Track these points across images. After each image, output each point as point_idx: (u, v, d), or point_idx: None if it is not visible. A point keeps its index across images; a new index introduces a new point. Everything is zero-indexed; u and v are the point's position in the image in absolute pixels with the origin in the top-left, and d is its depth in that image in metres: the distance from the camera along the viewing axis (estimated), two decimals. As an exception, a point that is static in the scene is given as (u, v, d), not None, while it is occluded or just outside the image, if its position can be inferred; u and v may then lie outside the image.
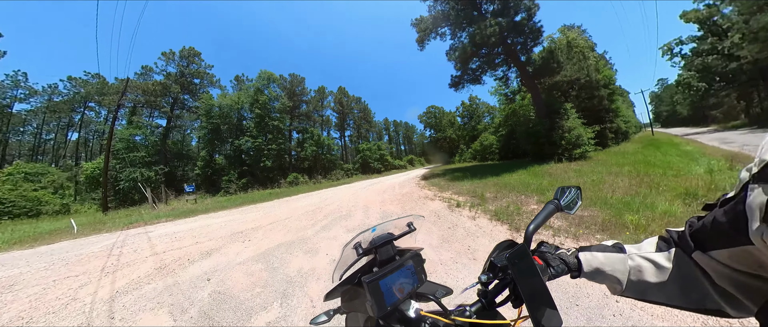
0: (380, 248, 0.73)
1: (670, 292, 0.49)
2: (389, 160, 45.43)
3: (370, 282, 0.59)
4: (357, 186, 17.57)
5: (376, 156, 43.38)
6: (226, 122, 30.58)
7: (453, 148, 44.61)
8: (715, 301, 0.44)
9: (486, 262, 0.61)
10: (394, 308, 0.62)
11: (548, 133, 13.29)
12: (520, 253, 0.53)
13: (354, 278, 0.72)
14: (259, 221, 6.93)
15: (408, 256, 0.74)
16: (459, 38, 16.94)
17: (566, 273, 0.60)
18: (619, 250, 0.58)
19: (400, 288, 0.65)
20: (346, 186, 19.56)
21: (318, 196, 12.86)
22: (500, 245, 0.66)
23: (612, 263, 0.55)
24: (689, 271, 0.47)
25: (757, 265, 0.38)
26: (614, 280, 0.55)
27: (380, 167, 42.72)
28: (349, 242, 0.71)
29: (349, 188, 16.47)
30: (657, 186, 5.43)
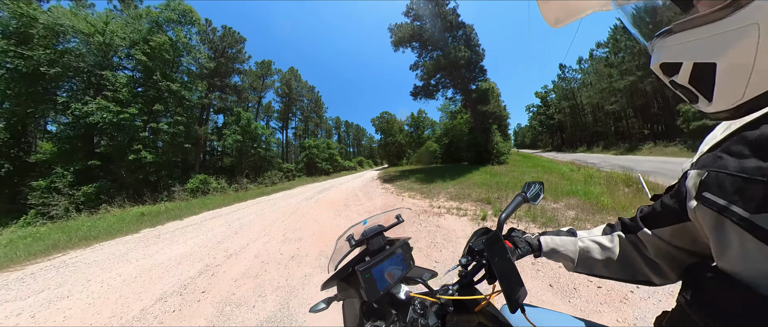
0: (371, 239, 0.79)
1: (611, 268, 0.60)
2: (339, 161, 40.32)
3: (364, 270, 0.65)
4: (300, 195, 12.81)
5: (325, 155, 37.92)
6: (64, 64, 14.22)
7: (400, 152, 47.19)
8: (645, 273, 0.55)
9: (465, 247, 0.69)
10: (387, 292, 0.69)
11: (485, 144, 18.29)
12: (493, 238, 0.61)
13: (348, 268, 0.77)
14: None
15: (397, 245, 0.81)
16: (425, 56, 20.19)
17: (530, 253, 0.71)
18: (572, 234, 0.70)
19: (391, 274, 0.72)
20: (284, 194, 14.25)
21: (217, 224, 6.83)
22: (477, 232, 0.73)
23: (565, 245, 0.67)
24: (627, 250, 0.58)
25: (691, 240, 0.46)
26: (568, 258, 0.67)
27: (329, 168, 37.11)
28: (343, 235, 0.79)
29: (287, 200, 11.43)
30: (559, 174, 9.73)
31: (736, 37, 0.24)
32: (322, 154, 36.72)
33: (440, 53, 19.04)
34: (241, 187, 20.00)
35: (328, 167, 36.64)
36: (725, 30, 0.25)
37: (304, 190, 15.17)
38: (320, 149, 36.74)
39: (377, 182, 15.21)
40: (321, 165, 35.30)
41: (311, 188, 16.60)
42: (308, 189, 16.05)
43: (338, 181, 21.29)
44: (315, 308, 0.74)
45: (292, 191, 15.44)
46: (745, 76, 0.26)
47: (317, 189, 15.14)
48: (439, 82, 20.70)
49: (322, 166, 35.44)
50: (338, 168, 40.09)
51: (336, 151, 41.70)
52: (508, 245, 0.69)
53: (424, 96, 21.44)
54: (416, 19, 19.45)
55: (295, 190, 16.38)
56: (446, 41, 18.95)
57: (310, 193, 12.94)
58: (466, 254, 0.67)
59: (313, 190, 14.90)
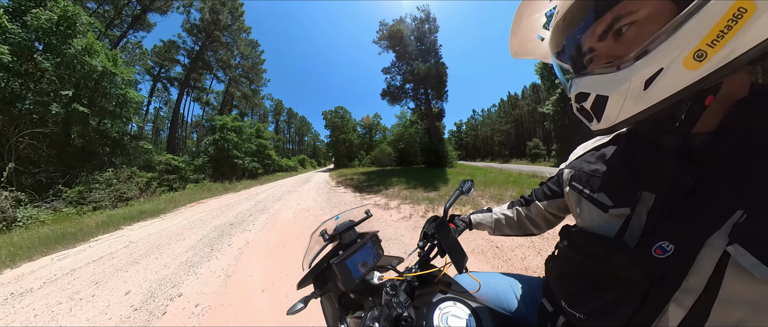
0: (343, 234, 0.84)
1: (513, 228, 0.92)
2: (273, 158, 29.72)
3: (338, 262, 0.69)
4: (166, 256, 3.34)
5: (252, 147, 24.96)
6: None
7: (351, 153, 44.29)
8: (530, 229, 0.87)
9: (421, 232, 0.88)
10: (362, 280, 0.73)
11: (438, 150, 21.97)
12: (441, 223, 0.80)
13: (322, 264, 0.81)
14: None
15: (368, 238, 0.86)
16: (400, 64, 22.15)
17: (466, 229, 0.98)
18: (489, 211, 0.99)
19: (364, 263, 0.76)
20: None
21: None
22: (429, 220, 0.91)
23: (486, 219, 0.97)
24: (521, 216, 0.89)
25: (559, 209, 0.78)
26: (487, 227, 0.96)
27: (256, 168, 24.68)
28: (316, 230, 0.82)
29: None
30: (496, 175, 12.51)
31: (618, 84, 0.37)
32: (247, 144, 24.02)
33: (413, 68, 20.97)
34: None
35: (255, 166, 24.15)
36: (615, 78, 0.37)
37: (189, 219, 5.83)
38: (244, 136, 23.62)
39: (344, 190, 11.69)
40: (241, 162, 21.82)
41: (212, 210, 7.23)
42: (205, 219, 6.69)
43: (274, 191, 13.09)
44: (293, 309, 0.74)
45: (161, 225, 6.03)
46: (619, 106, 0.38)
47: (224, 223, 6.01)
48: (406, 92, 22.66)
49: (244, 164, 22.17)
50: (272, 168, 29.67)
51: (270, 144, 30.98)
52: (451, 226, 0.92)
53: (391, 99, 22.92)
54: (398, 33, 21.08)
55: (168, 220, 6.99)
56: (423, 58, 21.29)
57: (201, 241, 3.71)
58: (421, 238, 0.87)
59: (208, 226, 5.75)
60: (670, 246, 0.37)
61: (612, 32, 0.39)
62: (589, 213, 0.53)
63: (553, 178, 0.79)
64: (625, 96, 0.37)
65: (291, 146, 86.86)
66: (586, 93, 0.42)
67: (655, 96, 0.34)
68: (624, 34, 0.38)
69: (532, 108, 58.69)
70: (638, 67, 0.34)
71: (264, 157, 27.71)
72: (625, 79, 0.36)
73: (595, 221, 0.51)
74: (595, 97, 0.41)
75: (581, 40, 0.44)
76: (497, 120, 73.10)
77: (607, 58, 0.42)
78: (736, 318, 0.31)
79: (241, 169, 22.31)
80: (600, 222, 0.50)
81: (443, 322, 0.61)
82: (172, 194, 12.84)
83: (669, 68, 0.32)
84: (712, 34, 0.28)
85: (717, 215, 0.34)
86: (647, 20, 0.36)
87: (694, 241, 0.35)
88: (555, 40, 0.51)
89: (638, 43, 0.35)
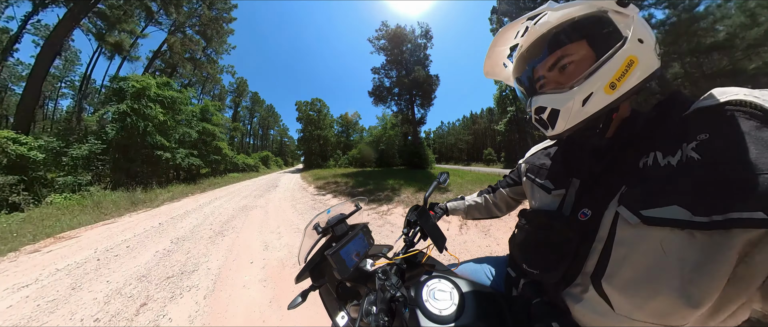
0: (335, 226, 0.87)
1: (481, 213, 1.15)
2: (226, 153, 21.51)
3: (333, 253, 0.72)
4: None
5: (190, 134, 16.42)
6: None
7: (326, 152, 40.13)
8: (495, 212, 1.11)
9: (405, 220, 1.01)
10: (355, 269, 0.78)
11: (420, 153, 23.15)
12: (422, 210, 0.93)
13: (317, 256, 0.83)
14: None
15: (359, 229, 0.90)
16: (389, 67, 23.21)
17: (443, 214, 1.17)
18: (462, 199, 1.21)
19: (357, 253, 0.81)
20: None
21: None
22: (411, 209, 1.02)
23: (459, 206, 1.19)
24: (488, 202, 1.12)
25: (518, 194, 1.03)
26: (461, 212, 1.18)
27: (197, 165, 16.79)
28: (309, 223, 0.86)
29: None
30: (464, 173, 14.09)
31: (566, 101, 0.51)
32: (183, 129, 15.68)
33: (405, 72, 22.40)
34: None
35: (194, 163, 16.07)
36: (564, 97, 0.51)
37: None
38: (179, 116, 15.29)
39: (337, 201, 8.74)
40: (172, 156, 13.96)
41: None
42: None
43: (220, 207, 7.03)
44: (293, 304, 0.77)
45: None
46: (567, 118, 0.52)
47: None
48: (394, 94, 23.24)
49: (178, 160, 14.44)
50: (223, 166, 21.79)
51: (222, 133, 22.13)
52: (431, 213, 1.08)
53: (378, 99, 23.21)
54: (398, 37, 22.18)
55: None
56: (413, 68, 22.39)
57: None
58: (405, 226, 0.99)
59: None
60: (588, 211, 0.54)
61: (557, 66, 0.55)
62: (539, 195, 0.72)
63: (513, 171, 1.02)
64: (570, 110, 0.51)
65: (252, 141, 73.81)
66: (544, 107, 0.55)
67: (589, 111, 0.50)
68: (566, 68, 0.53)
69: (487, 126, 77.43)
70: (578, 91, 0.49)
71: (211, 151, 19.48)
72: (571, 97, 0.50)
73: (542, 201, 0.70)
74: (551, 110, 0.54)
75: (536, 69, 0.59)
76: (461, 131, 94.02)
77: (554, 84, 0.56)
78: (623, 253, 0.46)
79: (169, 168, 14.65)
80: (546, 201, 0.68)
81: (431, 296, 0.68)
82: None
83: (596, 92, 0.48)
84: (619, 73, 0.46)
85: (612, 189, 0.50)
86: (580, 61, 0.52)
87: (601, 206, 0.51)
88: (517, 67, 0.66)
89: (576, 75, 0.51)
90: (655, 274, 0.40)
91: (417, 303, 0.67)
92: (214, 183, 15.70)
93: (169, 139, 14.12)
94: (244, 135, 61.17)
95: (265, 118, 77.41)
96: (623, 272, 0.45)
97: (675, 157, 0.43)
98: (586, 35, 0.52)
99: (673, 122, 0.47)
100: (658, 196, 0.42)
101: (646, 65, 0.47)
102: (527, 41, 0.59)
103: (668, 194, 0.41)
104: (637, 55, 0.46)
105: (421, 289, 0.70)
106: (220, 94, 46.75)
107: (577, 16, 0.52)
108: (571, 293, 0.55)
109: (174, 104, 14.57)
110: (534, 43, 0.58)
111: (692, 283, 0.37)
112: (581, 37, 0.52)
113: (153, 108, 12.76)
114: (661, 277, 0.40)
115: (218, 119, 21.19)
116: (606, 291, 0.48)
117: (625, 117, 0.56)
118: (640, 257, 0.43)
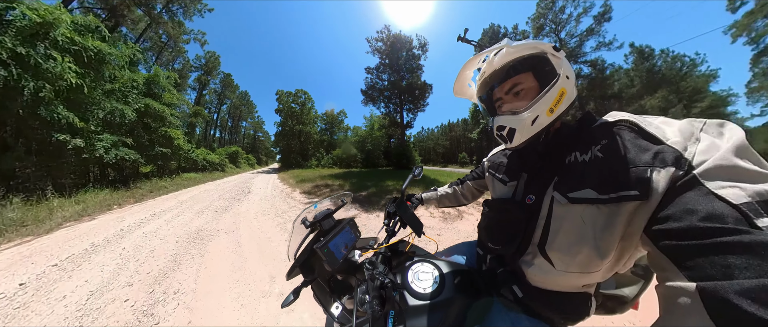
0: (323, 221, 0.89)
1: (451, 201, 1.32)
2: (180, 145, 15.59)
3: (322, 246, 0.75)
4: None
5: (125, 112, 10.25)
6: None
7: (306, 151, 36.00)
8: (462, 201, 1.31)
9: (385, 213, 1.12)
10: (345, 260, 0.82)
11: (407, 154, 25.24)
12: (400, 201, 1.08)
13: (307, 251, 0.84)
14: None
15: (345, 222, 0.94)
16: (382, 70, 24.37)
17: (419, 204, 1.31)
18: (435, 190, 1.37)
19: (345, 245, 0.85)
20: None
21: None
22: (389, 200, 1.14)
23: (432, 195, 1.36)
24: (456, 192, 1.30)
25: (482, 186, 1.23)
26: (434, 201, 1.35)
27: (134, 160, 10.85)
28: (297, 218, 0.89)
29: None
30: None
31: (520, 122, 0.64)
32: (111, 104, 9.91)
33: (401, 76, 24.07)
34: None
35: (127, 157, 10.29)
36: (518, 118, 0.64)
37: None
38: (105, 84, 9.78)
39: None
40: (89, 145, 8.76)
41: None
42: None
43: (138, 246, 2.25)
44: (285, 302, 0.76)
45: None
46: (521, 134, 0.66)
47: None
48: (386, 96, 24.35)
49: (98, 150, 9.01)
50: (176, 163, 16.41)
51: (177, 118, 16.29)
52: (408, 204, 1.23)
53: (368, 99, 24.38)
54: (398, 42, 23.83)
55: None
56: (405, 74, 24.25)
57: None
58: (386, 217, 1.10)
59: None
60: (533, 197, 0.69)
61: (512, 91, 0.68)
62: (498, 186, 0.87)
63: (478, 167, 1.20)
64: (524, 129, 0.65)
65: (219, 134, 62.21)
66: (504, 125, 0.68)
67: (536, 128, 0.65)
68: (519, 93, 0.67)
69: (462, 133, 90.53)
70: (529, 114, 0.63)
71: (157, 141, 13.88)
72: (523, 119, 0.64)
73: (500, 191, 0.85)
74: (509, 128, 0.67)
75: (495, 92, 0.71)
76: (439, 137, 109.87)
77: (509, 105, 0.69)
78: (558, 225, 0.60)
79: (84, 163, 9.27)
80: (503, 191, 0.83)
81: (416, 278, 0.77)
82: None
83: (541, 115, 0.63)
84: (555, 101, 0.62)
85: (548, 179, 0.66)
86: (528, 88, 0.66)
87: (542, 192, 0.66)
88: (480, 89, 0.78)
89: (526, 100, 0.66)
90: (579, 237, 0.56)
91: (404, 286, 0.76)
92: (158, 187, 10.70)
93: (85, 117, 8.88)
94: (208, 124, 52.75)
95: (238, 106, 67.17)
96: (559, 239, 0.60)
97: (587, 155, 0.59)
98: (532, 68, 0.65)
99: (587, 132, 0.63)
100: (578, 182, 0.58)
101: (571, 95, 0.65)
102: (488, 69, 0.71)
103: (584, 181, 0.56)
104: (566, 88, 0.63)
105: (407, 273, 0.80)
106: (182, 71, 39.25)
107: (525, 53, 0.65)
108: (525, 260, 0.70)
109: (101, 63, 9.31)
110: (494, 71, 0.70)
111: (601, 240, 0.53)
112: (529, 69, 0.65)
113: (58, 61, 7.56)
114: (582, 239, 0.55)
115: (172, 98, 15.31)
116: (548, 254, 0.63)
117: (557, 128, 0.72)
118: (569, 226, 0.58)
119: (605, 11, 26.66)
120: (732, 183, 0.38)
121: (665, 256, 0.40)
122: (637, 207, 0.48)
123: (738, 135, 0.43)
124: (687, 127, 0.48)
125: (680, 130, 0.48)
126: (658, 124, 0.52)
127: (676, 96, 28.67)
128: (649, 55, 31.57)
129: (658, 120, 0.53)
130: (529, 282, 0.70)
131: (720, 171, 0.39)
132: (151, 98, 13.29)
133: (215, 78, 50.59)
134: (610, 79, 28.97)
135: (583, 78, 28.56)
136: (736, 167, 0.39)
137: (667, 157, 0.45)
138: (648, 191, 0.45)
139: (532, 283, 0.70)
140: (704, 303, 0.32)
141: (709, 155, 0.42)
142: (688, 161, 0.43)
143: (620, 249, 0.55)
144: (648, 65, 31.19)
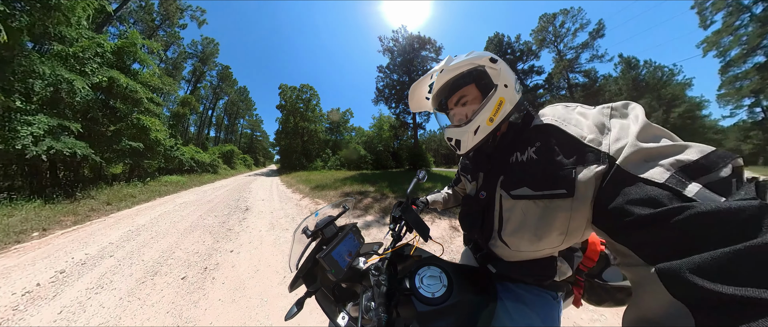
0: (325, 229, 0.88)
1: (451, 202, 1.35)
2: (159, 140, 12.21)
3: (325, 256, 0.74)
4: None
5: (82, 91, 7.26)
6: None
7: (309, 151, 32.98)
8: (459, 199, 1.32)
9: (390, 217, 1.07)
10: (349, 268, 0.80)
11: (421, 155, 26.37)
12: (405, 205, 1.05)
13: (309, 261, 0.83)
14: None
15: (348, 229, 0.91)
16: (393, 71, 23.97)
17: (424, 207, 1.30)
18: (439, 193, 1.39)
19: (349, 253, 0.83)
20: None
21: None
22: (395, 205, 1.11)
23: (437, 198, 1.36)
24: (455, 193, 1.35)
25: (462, 187, 1.29)
26: (439, 203, 1.35)
27: (65, 154, 6.95)
28: (298, 227, 0.88)
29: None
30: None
31: (464, 133, 0.73)
32: (59, 72, 6.84)
33: (411, 79, 23.07)
34: None
35: (66, 151, 6.76)
36: (462, 130, 0.73)
37: None
38: (57, 47, 7.10)
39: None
40: (19, 136, 5.78)
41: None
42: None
43: None
44: (289, 314, 0.75)
45: None
46: (467, 142, 0.74)
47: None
48: (402, 97, 23.46)
49: (38, 148, 6.10)
50: (156, 162, 13.15)
51: (157, 105, 12.61)
52: (414, 207, 1.20)
53: (382, 97, 24.18)
54: (413, 43, 23.33)
55: None
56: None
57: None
58: (391, 221, 1.04)
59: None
60: (484, 193, 0.79)
61: (460, 103, 0.77)
62: (468, 185, 0.96)
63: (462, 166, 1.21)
64: (467, 139, 0.73)
65: (213, 132, 57.60)
66: (451, 137, 0.78)
67: (479, 137, 0.72)
68: (466, 104, 0.75)
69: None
70: (470, 126, 0.71)
71: (127, 132, 10.42)
72: (467, 131, 0.72)
73: (469, 188, 0.94)
74: (455, 139, 0.77)
75: (445, 103, 0.81)
76: (441, 138, 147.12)
77: (458, 115, 0.78)
78: (507, 216, 0.69)
79: (5, 161, 6.14)
80: (469, 188, 0.94)
81: (423, 283, 0.74)
82: None
83: (481, 125, 0.70)
84: (494, 110, 0.69)
85: (496, 178, 0.74)
86: (473, 98, 0.74)
87: (492, 190, 0.75)
88: (433, 102, 0.87)
89: (472, 109, 0.73)
90: (522, 226, 0.65)
91: (412, 291, 0.73)
92: (124, 196, 7.63)
93: (8, 91, 5.83)
94: (202, 119, 49.19)
95: (235, 102, 62.80)
96: (509, 227, 0.69)
97: (525, 155, 0.65)
98: (474, 80, 0.73)
99: (526, 133, 0.68)
100: (518, 180, 0.65)
101: (511, 101, 0.70)
102: (437, 85, 0.78)
103: (522, 179, 0.64)
104: (505, 96, 0.69)
105: (414, 278, 0.76)
106: (176, 60, 36.01)
107: (465, 69, 0.72)
108: (492, 243, 0.79)
109: (48, 11, 6.27)
110: (442, 85, 0.78)
111: (538, 228, 0.62)
112: (471, 82, 0.73)
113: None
114: (523, 227, 0.65)
115: (154, 80, 11.91)
116: (504, 239, 0.72)
117: (504, 131, 0.77)
118: (515, 217, 0.67)
119: (599, 28, 31.73)
120: (651, 162, 0.42)
121: (622, 245, 0.43)
122: (569, 202, 0.55)
123: (640, 113, 0.51)
124: (599, 117, 0.55)
125: (595, 124, 0.55)
126: (576, 120, 0.58)
127: (657, 102, 33.94)
128: (634, 65, 37.00)
129: (575, 112, 0.61)
130: (501, 258, 0.80)
131: (637, 156, 0.45)
132: (121, 73, 9.71)
133: (212, 69, 47.22)
134: (602, 89, 34.29)
135: (579, 86, 34.19)
136: (648, 148, 0.44)
137: (589, 156, 0.52)
138: (573, 188, 0.53)
139: (503, 259, 0.80)
140: (663, 282, 0.34)
141: (623, 142, 0.48)
142: (607, 154, 0.49)
143: (569, 231, 0.60)
144: (634, 74, 36.52)
